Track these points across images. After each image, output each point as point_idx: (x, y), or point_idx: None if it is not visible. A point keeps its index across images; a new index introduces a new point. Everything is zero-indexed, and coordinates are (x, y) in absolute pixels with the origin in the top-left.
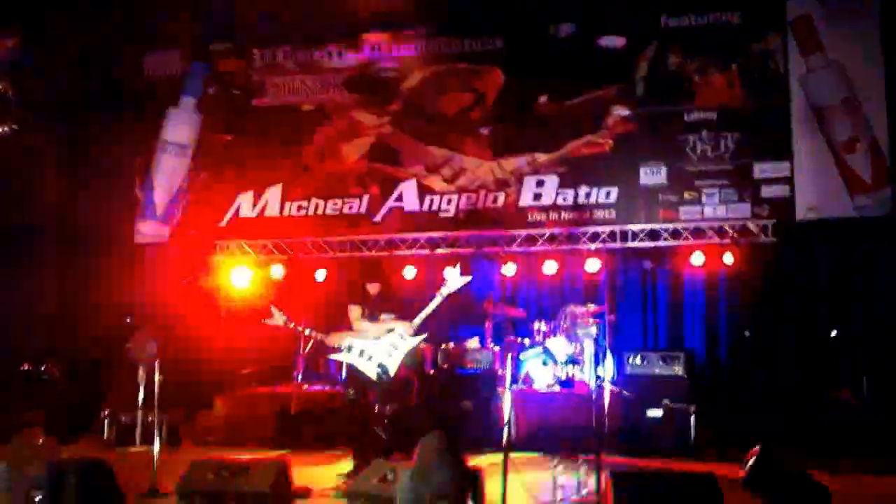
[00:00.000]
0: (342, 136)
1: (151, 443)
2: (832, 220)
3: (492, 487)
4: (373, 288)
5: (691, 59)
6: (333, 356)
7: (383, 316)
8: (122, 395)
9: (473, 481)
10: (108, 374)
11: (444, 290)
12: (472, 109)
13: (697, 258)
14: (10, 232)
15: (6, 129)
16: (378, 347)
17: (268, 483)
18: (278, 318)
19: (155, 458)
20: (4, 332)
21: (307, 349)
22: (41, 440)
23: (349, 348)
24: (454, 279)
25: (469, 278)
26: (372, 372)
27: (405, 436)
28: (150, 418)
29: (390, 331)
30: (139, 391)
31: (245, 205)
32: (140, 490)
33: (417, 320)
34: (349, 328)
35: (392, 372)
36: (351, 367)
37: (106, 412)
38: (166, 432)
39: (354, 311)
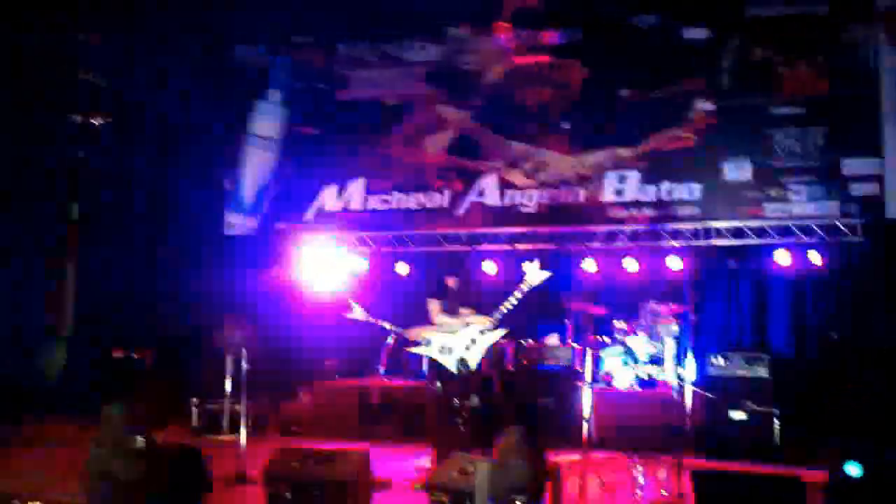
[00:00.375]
0: (424, 129)
1: (238, 431)
2: None
3: (570, 485)
4: (452, 282)
5: (777, 50)
6: (413, 350)
7: (462, 310)
8: (209, 384)
9: (552, 477)
10: (197, 362)
11: (524, 286)
12: (553, 103)
13: (783, 257)
14: (104, 220)
15: (100, 120)
16: (457, 341)
17: (350, 473)
18: (358, 313)
19: (242, 446)
20: (96, 318)
21: (390, 343)
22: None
23: (428, 342)
24: (534, 274)
25: (549, 274)
26: (452, 366)
27: (486, 431)
28: (236, 407)
29: (469, 325)
30: (226, 380)
31: (329, 198)
32: (227, 476)
33: (497, 315)
34: (429, 322)
35: (472, 366)
36: (432, 362)
37: (194, 400)
38: (252, 421)
39: (434, 305)
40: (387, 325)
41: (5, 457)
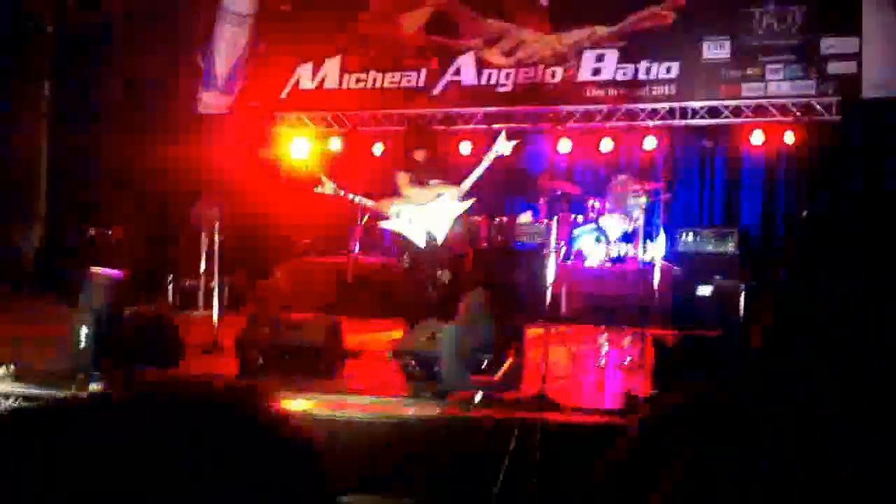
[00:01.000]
0: (401, 5)
1: (213, 307)
2: None
3: (537, 353)
4: (419, 154)
5: None
6: (382, 224)
7: (431, 182)
8: (185, 261)
9: (516, 335)
10: (172, 240)
11: (491, 154)
12: None
13: (758, 136)
14: (77, 98)
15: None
16: (426, 213)
17: (321, 339)
18: (328, 187)
19: (215, 317)
20: (71, 194)
21: (364, 220)
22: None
23: (397, 215)
24: (501, 144)
25: (515, 142)
26: (420, 238)
27: (457, 304)
28: (212, 284)
29: (438, 196)
30: (202, 257)
31: (304, 76)
32: (202, 345)
33: (466, 184)
34: (398, 195)
35: (440, 238)
36: (399, 235)
37: (170, 277)
38: (229, 297)
39: (402, 178)
40: (356, 199)
41: None
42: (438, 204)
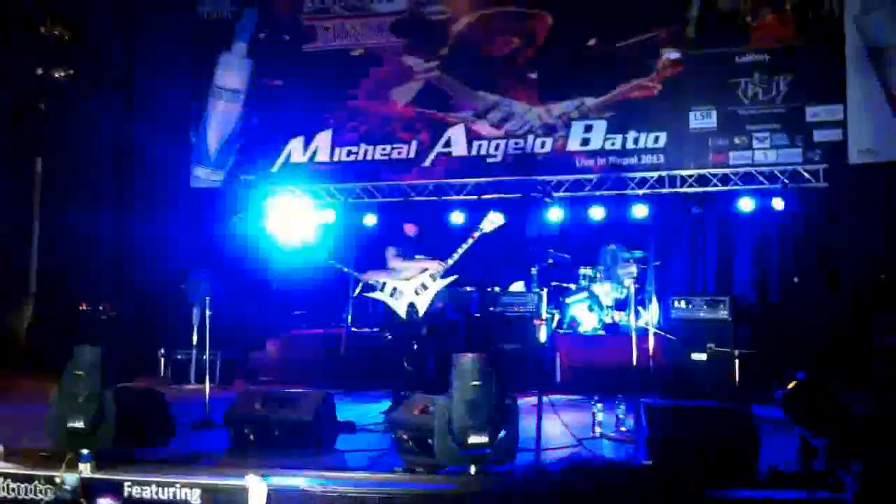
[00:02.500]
0: (391, 80)
1: (204, 381)
2: (887, 164)
3: (530, 423)
4: (410, 228)
5: None
6: (367, 294)
7: (418, 256)
8: (177, 335)
9: (510, 405)
10: (164, 314)
11: (477, 232)
12: (520, 53)
13: (747, 204)
14: (69, 174)
15: (63, 73)
16: (408, 286)
17: (312, 413)
18: (319, 257)
19: (207, 392)
20: (63, 272)
21: (356, 292)
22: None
23: (382, 286)
24: (488, 221)
25: (503, 220)
26: (402, 310)
27: (448, 376)
28: (204, 357)
29: (424, 270)
30: (193, 331)
31: (296, 150)
32: (193, 422)
33: (450, 260)
34: (385, 268)
35: (421, 312)
36: (385, 308)
37: (161, 351)
38: (220, 370)
39: (390, 251)
40: (345, 268)
41: None
42: (422, 277)
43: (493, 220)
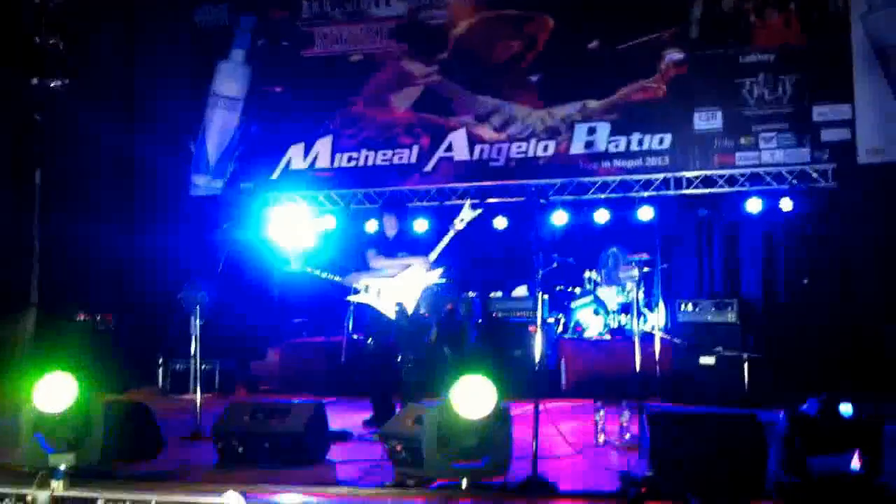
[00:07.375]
0: (391, 85)
1: (206, 390)
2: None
3: (528, 431)
4: (390, 228)
5: None
6: (352, 298)
7: (400, 253)
8: (176, 345)
9: (507, 413)
10: (164, 324)
11: (457, 223)
12: (522, 56)
13: (754, 204)
14: (69, 185)
15: (59, 83)
16: (393, 285)
17: (301, 425)
18: (297, 264)
19: (198, 404)
20: (61, 282)
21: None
22: None
23: (366, 289)
24: (465, 212)
25: (479, 211)
26: (390, 311)
27: (427, 380)
28: (203, 367)
29: (407, 267)
30: (192, 340)
31: (296, 157)
32: (185, 434)
33: (433, 255)
34: (367, 270)
35: (410, 308)
36: (372, 311)
37: (160, 361)
38: (220, 380)
39: (371, 252)
40: (324, 274)
41: None
42: (406, 274)
43: (469, 214)
